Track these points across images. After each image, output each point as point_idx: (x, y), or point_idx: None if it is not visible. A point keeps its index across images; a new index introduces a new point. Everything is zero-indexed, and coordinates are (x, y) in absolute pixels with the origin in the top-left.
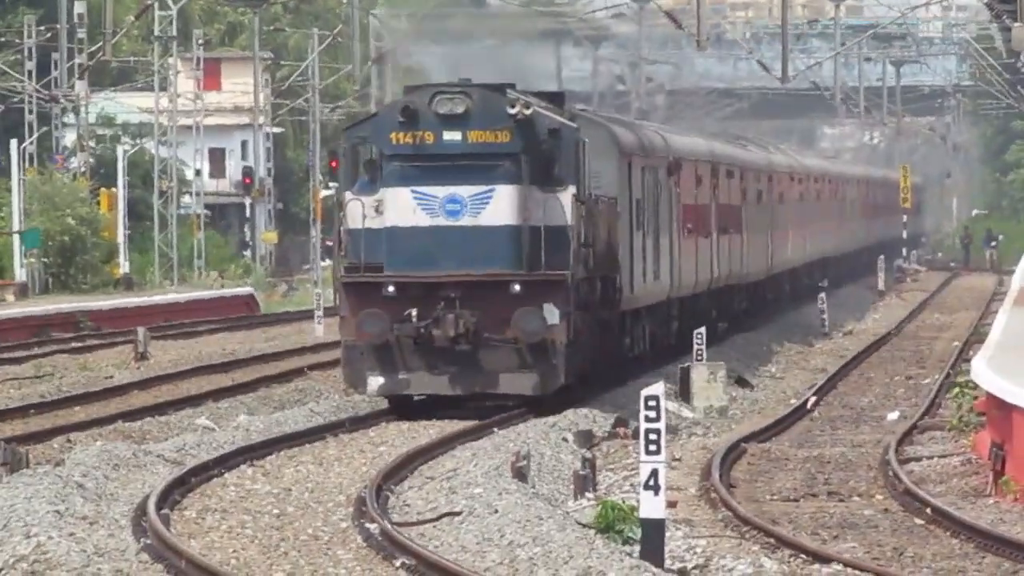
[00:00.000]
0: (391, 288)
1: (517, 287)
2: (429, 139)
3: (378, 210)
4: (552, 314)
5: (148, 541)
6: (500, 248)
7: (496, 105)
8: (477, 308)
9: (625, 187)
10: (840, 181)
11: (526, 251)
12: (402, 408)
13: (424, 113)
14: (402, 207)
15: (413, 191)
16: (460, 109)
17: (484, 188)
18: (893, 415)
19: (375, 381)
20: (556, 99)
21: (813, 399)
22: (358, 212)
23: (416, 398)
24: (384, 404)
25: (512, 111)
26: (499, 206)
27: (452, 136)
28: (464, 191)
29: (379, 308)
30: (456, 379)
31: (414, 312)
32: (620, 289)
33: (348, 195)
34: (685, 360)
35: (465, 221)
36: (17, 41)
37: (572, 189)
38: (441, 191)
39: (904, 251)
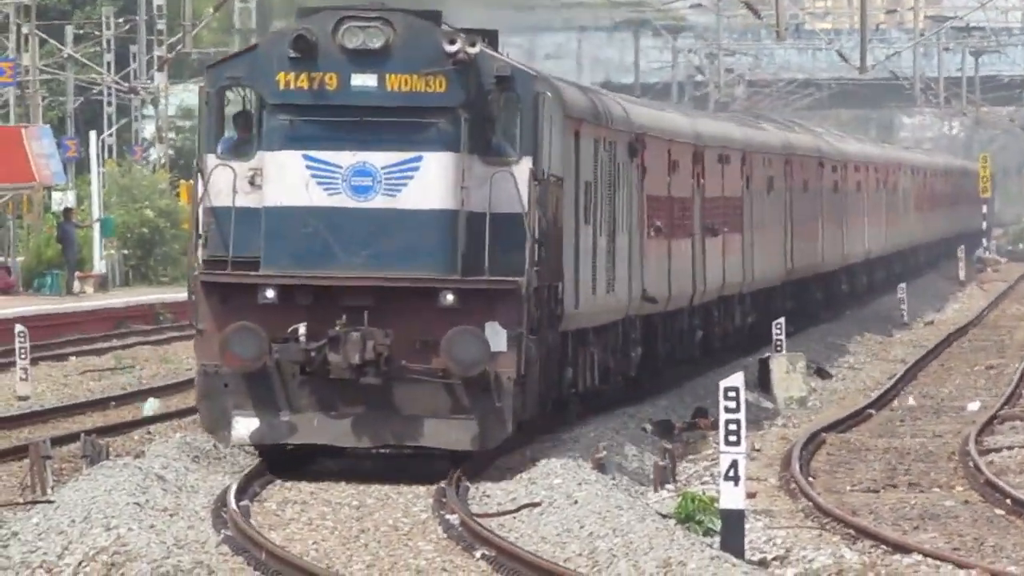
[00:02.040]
0: (270, 293)
1: (450, 297)
2: (331, 84)
3: (254, 182)
4: (498, 336)
5: (228, 533)
6: (427, 241)
7: (428, 40)
8: (392, 325)
9: (571, 164)
10: (891, 169)
11: (462, 247)
12: (279, 461)
13: (325, 47)
14: (290, 179)
15: (306, 157)
16: (377, 43)
17: (407, 156)
18: (973, 405)
19: (246, 424)
20: (488, 41)
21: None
22: (226, 183)
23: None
24: None
25: (452, 48)
26: (428, 182)
27: (364, 81)
28: (379, 159)
29: (253, 321)
30: (362, 425)
31: (302, 328)
32: (562, 302)
33: (212, 159)
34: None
35: (378, 202)
36: (96, 33)
37: (528, 162)
38: (346, 158)
39: (984, 242)
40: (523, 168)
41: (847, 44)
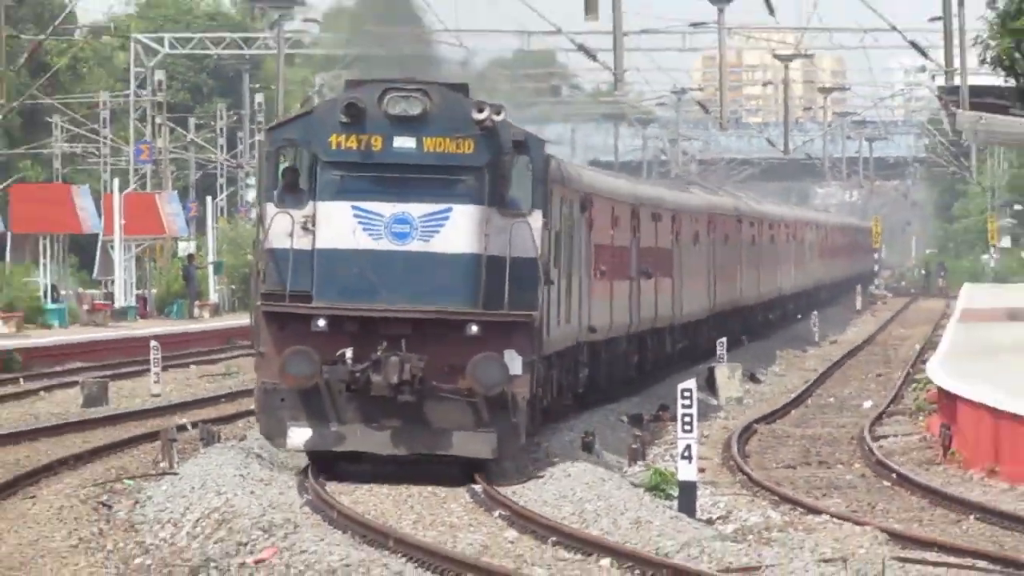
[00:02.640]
0: (322, 322)
1: (474, 328)
2: (376, 145)
3: (306, 227)
4: (515, 362)
5: (309, 497)
6: (455, 280)
7: (459, 108)
8: (425, 351)
9: (550, 216)
10: (799, 226)
11: (484, 285)
12: (327, 465)
13: (372, 113)
14: (339, 226)
15: (354, 207)
16: (416, 110)
17: (440, 207)
18: (867, 403)
19: (300, 433)
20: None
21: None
22: (284, 229)
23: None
24: None
25: (479, 116)
26: (456, 230)
27: (405, 143)
28: (415, 210)
29: (307, 345)
30: (399, 436)
31: (349, 352)
32: (541, 331)
33: (271, 208)
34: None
35: (415, 246)
36: (212, 123)
37: (539, 214)
38: (388, 208)
39: (875, 281)
40: (536, 219)
41: (774, 133)
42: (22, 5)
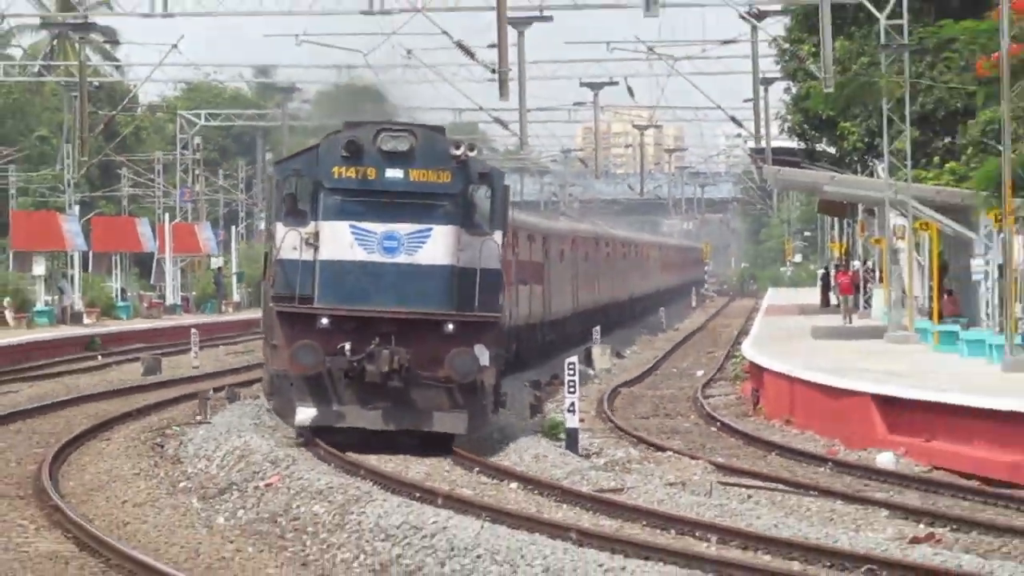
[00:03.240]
0: (325, 320)
1: (451, 327)
2: (371, 175)
3: (309, 243)
4: (483, 355)
5: (304, 438)
6: (434, 287)
7: (439, 145)
8: (411, 346)
9: (506, 235)
10: (645, 246)
11: (458, 291)
12: (326, 437)
13: (368, 149)
14: (339, 241)
15: (352, 226)
16: (404, 147)
17: (422, 227)
18: (700, 372)
19: (307, 412)
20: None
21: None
22: (292, 243)
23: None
24: None
25: (456, 152)
26: (436, 246)
27: (394, 173)
28: (402, 229)
29: (313, 340)
30: (389, 415)
31: (347, 346)
32: (504, 329)
33: (280, 227)
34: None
35: (402, 259)
36: (235, 174)
37: (499, 234)
38: (379, 227)
39: (705, 286)
40: (498, 237)
41: (633, 180)
42: (100, 90)
